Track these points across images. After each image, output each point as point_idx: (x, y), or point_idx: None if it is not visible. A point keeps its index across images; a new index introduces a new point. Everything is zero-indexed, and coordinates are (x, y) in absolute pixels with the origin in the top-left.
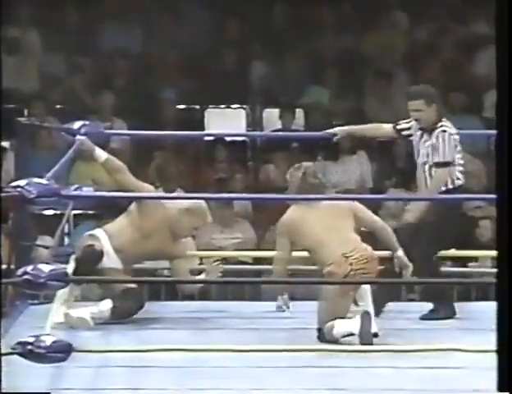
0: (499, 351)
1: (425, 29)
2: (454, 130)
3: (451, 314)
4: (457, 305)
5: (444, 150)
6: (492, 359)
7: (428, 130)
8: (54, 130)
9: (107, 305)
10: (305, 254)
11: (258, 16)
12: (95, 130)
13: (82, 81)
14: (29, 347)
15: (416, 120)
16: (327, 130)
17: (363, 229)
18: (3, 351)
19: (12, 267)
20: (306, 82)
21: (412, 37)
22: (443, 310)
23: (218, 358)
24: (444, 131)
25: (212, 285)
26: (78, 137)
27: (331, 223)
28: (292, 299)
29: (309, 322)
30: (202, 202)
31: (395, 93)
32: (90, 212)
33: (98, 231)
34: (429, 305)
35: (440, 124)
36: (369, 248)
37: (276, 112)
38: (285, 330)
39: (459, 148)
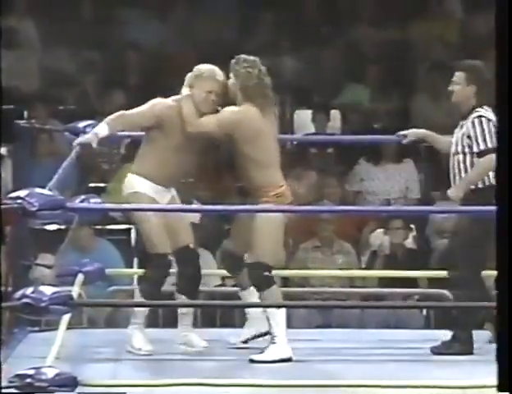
0: (499, 351)
1: (483, 17)
2: (492, 117)
3: (469, 350)
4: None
5: (483, 136)
6: None
7: (464, 116)
8: (57, 132)
9: None
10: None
11: (288, 5)
12: None
13: (90, 79)
14: (29, 380)
15: (451, 93)
16: (399, 133)
17: None
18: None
19: (10, 289)
20: (343, 79)
21: (468, 27)
22: (461, 343)
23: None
24: (480, 117)
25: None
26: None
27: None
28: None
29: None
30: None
31: (447, 93)
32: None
33: None
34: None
35: (477, 110)
36: None
37: (308, 113)
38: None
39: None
